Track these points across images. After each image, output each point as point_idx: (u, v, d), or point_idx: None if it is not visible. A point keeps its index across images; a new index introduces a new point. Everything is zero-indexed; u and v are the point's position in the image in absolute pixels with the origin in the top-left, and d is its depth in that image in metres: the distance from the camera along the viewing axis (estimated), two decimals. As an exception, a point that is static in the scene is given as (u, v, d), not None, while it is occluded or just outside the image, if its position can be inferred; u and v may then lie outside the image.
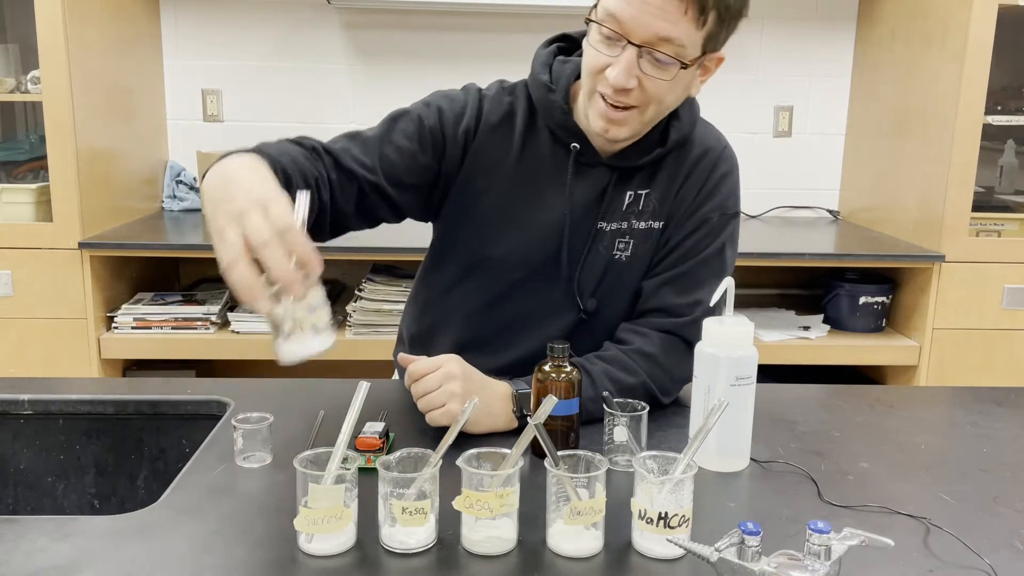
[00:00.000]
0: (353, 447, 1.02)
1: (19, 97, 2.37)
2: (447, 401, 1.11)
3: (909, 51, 2.63)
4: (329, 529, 0.84)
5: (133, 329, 2.40)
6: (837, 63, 2.99)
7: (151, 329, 2.41)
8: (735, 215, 1.32)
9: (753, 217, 3.02)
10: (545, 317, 1.31)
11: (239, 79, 2.90)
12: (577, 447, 1.08)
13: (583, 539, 0.87)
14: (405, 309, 1.48)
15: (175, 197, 2.87)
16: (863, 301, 2.59)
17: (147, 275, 2.67)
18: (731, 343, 1.05)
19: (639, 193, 1.28)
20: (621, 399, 1.08)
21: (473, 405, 0.91)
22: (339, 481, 0.85)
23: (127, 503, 1.23)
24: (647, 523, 0.85)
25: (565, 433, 1.08)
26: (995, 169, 2.81)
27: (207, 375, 2.76)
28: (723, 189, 1.29)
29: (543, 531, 0.89)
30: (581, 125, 1.25)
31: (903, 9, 2.68)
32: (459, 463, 0.86)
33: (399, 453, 0.89)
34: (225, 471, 1.03)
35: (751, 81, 2.99)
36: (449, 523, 0.89)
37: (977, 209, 2.48)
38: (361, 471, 0.95)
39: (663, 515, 0.84)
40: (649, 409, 1.06)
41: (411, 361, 1.17)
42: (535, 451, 1.01)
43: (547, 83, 1.25)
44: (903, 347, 2.54)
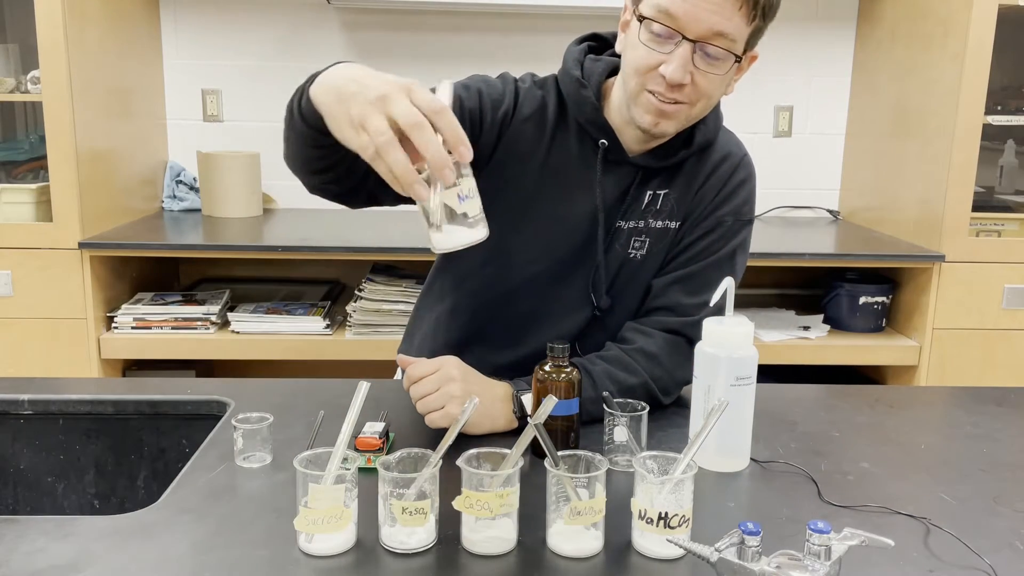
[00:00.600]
0: (353, 447, 1.02)
1: (19, 97, 2.37)
2: (446, 403, 1.11)
3: (909, 51, 2.63)
4: (329, 529, 0.84)
5: (133, 329, 2.40)
6: (837, 63, 2.99)
7: (151, 329, 2.40)
8: (749, 222, 1.33)
9: (755, 217, 3.01)
10: (559, 313, 1.31)
11: (239, 79, 2.90)
12: (577, 447, 1.08)
13: (583, 539, 0.87)
14: (418, 301, 1.47)
15: (175, 197, 2.86)
16: (863, 301, 2.59)
17: (147, 275, 2.67)
18: (731, 343, 1.05)
19: (658, 193, 1.28)
20: (621, 399, 1.08)
21: (473, 405, 0.91)
22: (339, 481, 0.85)
23: (127, 503, 1.23)
24: (647, 523, 0.85)
25: (565, 433, 1.08)
26: (995, 169, 2.81)
27: (207, 375, 2.76)
28: (740, 194, 1.31)
29: (543, 531, 0.89)
30: (611, 122, 1.25)
31: (903, 9, 2.68)
32: (459, 463, 0.86)
33: (399, 453, 0.89)
34: (225, 471, 1.03)
35: (751, 81, 2.95)
36: (449, 523, 0.89)
37: (977, 209, 2.48)
38: (361, 471, 0.95)
39: (663, 515, 0.84)
40: (649, 409, 1.07)
41: (410, 363, 1.17)
42: (535, 451, 1.01)
43: (579, 78, 1.26)
44: (903, 347, 2.54)
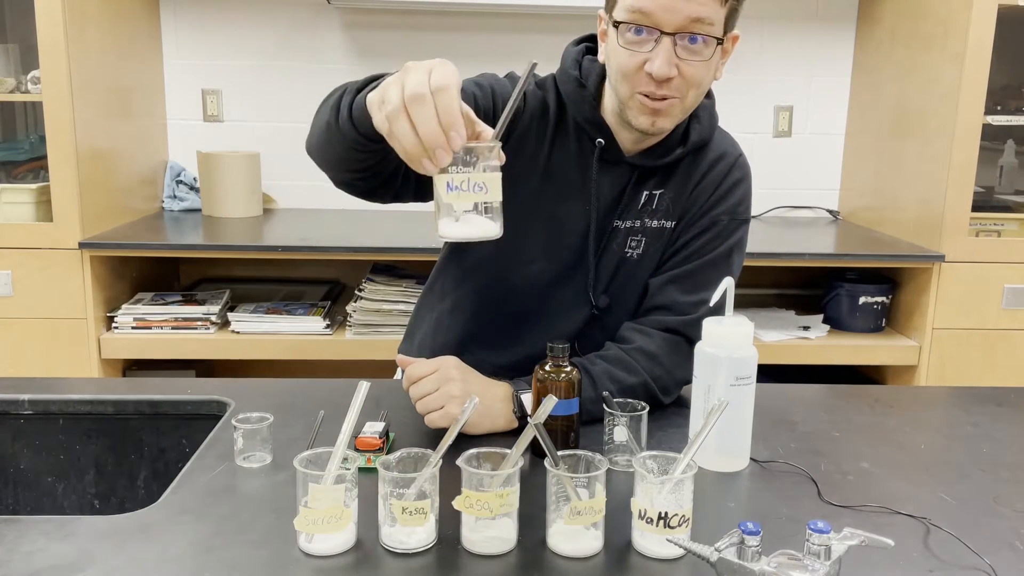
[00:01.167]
0: (353, 447, 1.02)
1: (19, 97, 2.37)
2: (445, 403, 1.11)
3: (909, 51, 2.63)
4: (329, 529, 0.84)
5: (133, 329, 2.40)
6: (837, 63, 2.99)
7: (151, 329, 2.40)
8: (745, 221, 1.34)
9: (753, 217, 3.00)
10: (558, 312, 1.31)
11: (239, 79, 2.90)
12: (577, 447, 1.08)
13: (583, 539, 0.87)
14: (419, 301, 1.47)
15: (175, 197, 2.86)
16: (863, 301, 2.59)
17: (147, 275, 2.67)
18: (731, 343, 1.05)
19: (654, 193, 1.29)
20: (621, 399, 1.08)
21: (473, 405, 0.91)
22: (339, 481, 0.85)
23: (127, 503, 1.23)
24: (647, 523, 0.85)
25: (565, 433, 1.08)
26: (995, 169, 2.81)
27: (207, 375, 2.76)
28: (736, 194, 1.31)
29: (543, 531, 0.89)
30: (608, 122, 1.25)
31: (903, 10, 2.68)
32: (459, 463, 0.86)
33: (399, 453, 0.89)
34: (225, 471, 1.03)
35: (751, 81, 2.99)
36: (449, 523, 0.89)
37: (977, 209, 2.48)
38: (361, 471, 0.95)
39: (663, 515, 0.84)
40: (649, 409, 1.07)
41: (409, 363, 1.17)
42: (535, 451, 1.01)
43: (578, 78, 1.26)
44: (903, 347, 2.54)
